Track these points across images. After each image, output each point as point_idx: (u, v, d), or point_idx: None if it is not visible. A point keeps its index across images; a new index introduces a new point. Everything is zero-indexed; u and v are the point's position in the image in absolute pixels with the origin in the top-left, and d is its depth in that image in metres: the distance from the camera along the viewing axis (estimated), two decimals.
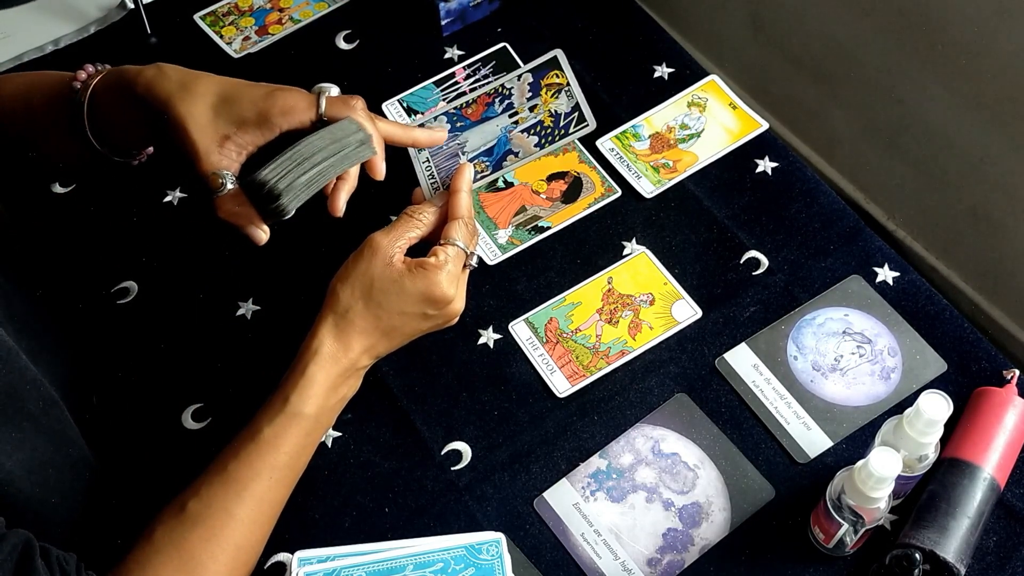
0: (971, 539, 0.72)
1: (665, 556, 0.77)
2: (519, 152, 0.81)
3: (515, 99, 0.77)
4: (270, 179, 0.69)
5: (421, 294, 0.74)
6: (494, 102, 0.76)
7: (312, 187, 0.71)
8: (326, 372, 0.73)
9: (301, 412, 0.71)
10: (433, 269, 0.75)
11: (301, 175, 0.70)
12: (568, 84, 0.77)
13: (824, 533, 0.74)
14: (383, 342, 0.76)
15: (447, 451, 0.83)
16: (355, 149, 0.73)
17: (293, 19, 1.11)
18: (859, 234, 0.93)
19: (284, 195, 0.69)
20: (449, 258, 0.76)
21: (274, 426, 0.70)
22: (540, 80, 0.78)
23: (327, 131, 0.72)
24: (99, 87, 0.74)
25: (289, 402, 0.71)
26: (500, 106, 0.79)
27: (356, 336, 0.74)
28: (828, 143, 1.28)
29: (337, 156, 0.72)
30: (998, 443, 0.76)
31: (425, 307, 0.75)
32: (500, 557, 0.73)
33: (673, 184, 0.97)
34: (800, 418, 0.83)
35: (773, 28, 1.25)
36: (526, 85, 0.76)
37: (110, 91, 0.74)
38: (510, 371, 0.86)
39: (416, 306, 0.75)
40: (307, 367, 0.72)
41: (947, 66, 1.05)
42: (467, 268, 0.78)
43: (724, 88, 1.03)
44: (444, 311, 0.76)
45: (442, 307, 0.76)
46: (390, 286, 0.74)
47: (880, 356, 0.86)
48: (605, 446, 0.82)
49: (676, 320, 0.88)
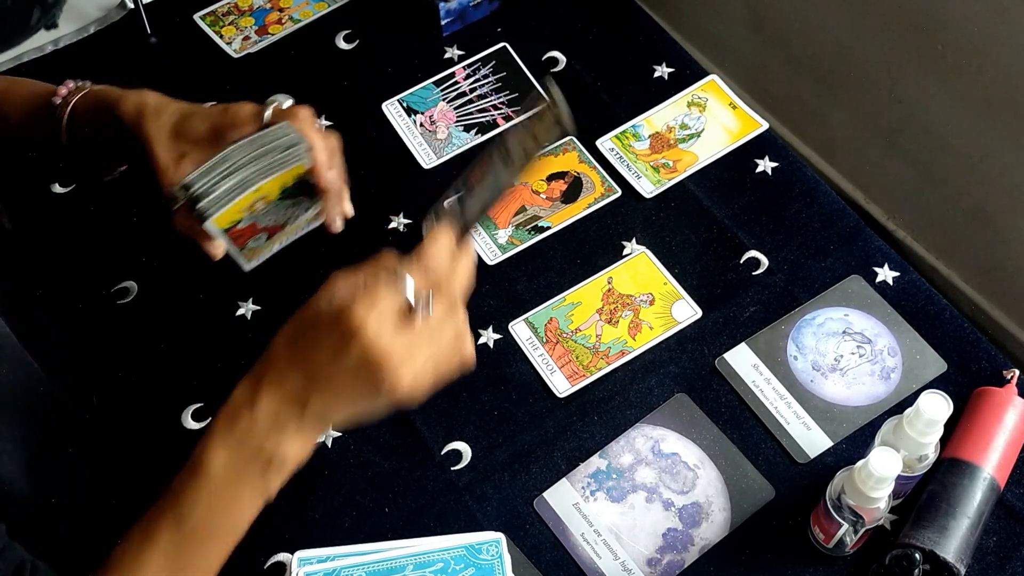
0: (971, 539, 0.72)
1: (665, 556, 0.77)
2: None
3: (514, 156, 0.71)
4: (191, 183, 0.69)
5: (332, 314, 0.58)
6: (495, 163, 0.71)
7: (236, 192, 0.69)
8: (229, 420, 0.60)
9: (202, 463, 0.60)
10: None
11: (220, 179, 0.69)
12: (556, 104, 0.70)
13: (824, 533, 0.74)
14: (308, 389, 0.59)
15: (447, 451, 0.83)
16: (281, 154, 0.70)
17: (293, 19, 1.11)
18: (859, 234, 0.93)
19: (203, 199, 0.68)
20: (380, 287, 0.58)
21: (180, 477, 0.61)
22: (530, 121, 0.71)
23: (252, 137, 0.71)
24: (80, 105, 0.75)
25: (194, 450, 0.61)
26: (500, 163, 0.72)
27: (269, 377, 0.59)
28: (828, 143, 1.28)
29: (262, 161, 0.70)
30: (998, 443, 0.76)
31: (336, 338, 0.57)
32: (500, 557, 0.74)
33: (673, 184, 0.97)
34: (800, 418, 0.83)
35: (773, 28, 1.25)
36: (523, 134, 0.70)
37: (91, 110, 0.74)
38: (510, 371, 0.86)
39: (328, 332, 0.58)
40: (217, 414, 0.61)
41: (947, 66, 1.05)
42: (414, 315, 0.59)
43: (724, 88, 1.03)
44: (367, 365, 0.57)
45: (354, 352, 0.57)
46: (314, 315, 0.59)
47: (880, 356, 0.86)
48: (605, 446, 0.82)
49: (676, 320, 0.88)
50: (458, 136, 1.00)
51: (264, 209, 0.74)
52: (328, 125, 1.03)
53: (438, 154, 0.99)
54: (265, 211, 0.74)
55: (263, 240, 0.78)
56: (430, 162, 0.99)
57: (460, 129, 1.01)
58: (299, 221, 0.79)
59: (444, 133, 1.01)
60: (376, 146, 1.01)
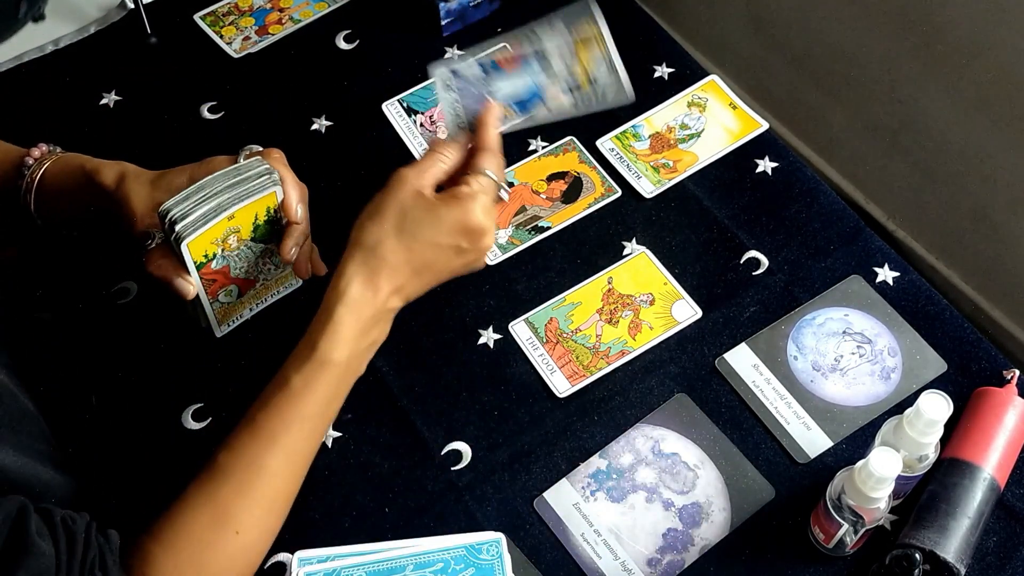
0: (971, 539, 0.72)
1: (665, 556, 0.77)
2: (552, 109, 0.80)
3: (553, 61, 0.77)
4: (168, 208, 0.72)
5: (457, 223, 0.71)
6: (531, 61, 0.77)
7: (211, 216, 0.73)
8: (355, 315, 0.69)
9: (330, 359, 0.69)
10: (467, 198, 0.71)
11: (196, 205, 0.73)
12: (602, 38, 0.77)
13: (824, 533, 0.74)
14: (414, 281, 0.72)
15: (447, 451, 0.83)
16: (254, 182, 0.75)
17: (293, 19, 1.11)
18: (859, 234, 0.93)
19: (178, 223, 0.72)
20: (482, 187, 0.73)
21: (303, 375, 0.68)
22: (572, 32, 0.78)
23: (227, 169, 0.75)
24: (52, 169, 0.80)
25: (317, 349, 0.68)
26: (537, 64, 0.78)
27: (386, 274, 0.70)
28: (828, 143, 1.29)
29: (236, 188, 0.74)
30: (998, 443, 0.76)
31: (460, 239, 0.72)
32: (500, 557, 0.73)
33: (673, 184, 0.97)
34: (800, 418, 0.83)
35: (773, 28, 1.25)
36: (561, 41, 0.76)
37: (64, 173, 0.79)
38: (510, 371, 0.86)
39: (451, 237, 0.71)
40: (334, 310, 0.69)
41: (947, 66, 1.05)
42: (498, 201, 0.75)
43: (724, 88, 1.03)
44: (478, 244, 0.73)
45: (477, 240, 0.72)
46: (424, 215, 0.71)
47: (880, 356, 0.86)
48: (605, 446, 0.82)
49: (676, 320, 0.88)
50: None
51: (236, 249, 0.77)
52: (328, 125, 1.03)
53: None
54: (237, 252, 0.78)
55: (235, 296, 0.82)
56: None
57: None
58: (270, 280, 0.84)
59: (444, 133, 1.01)
60: (376, 146, 1.01)
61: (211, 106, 1.04)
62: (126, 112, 1.05)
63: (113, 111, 1.05)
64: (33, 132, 1.02)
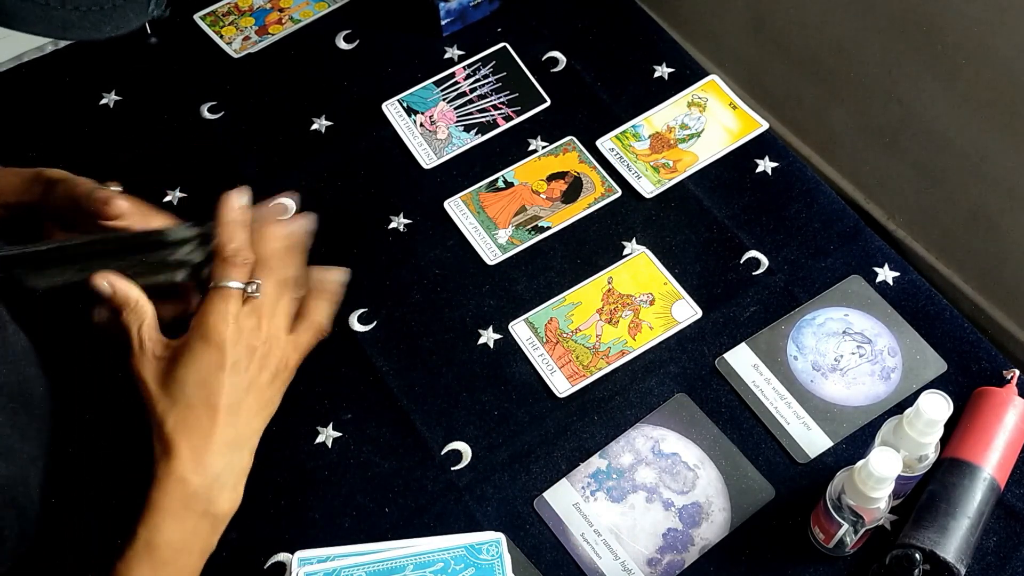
0: (971, 539, 0.72)
1: (665, 556, 0.77)
2: None
3: None
4: None
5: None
6: None
7: None
8: (168, 492, 0.60)
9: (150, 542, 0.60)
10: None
11: None
12: None
13: (824, 533, 0.74)
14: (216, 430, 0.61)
15: (447, 451, 0.83)
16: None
17: (293, 19, 1.11)
18: (859, 234, 0.93)
19: None
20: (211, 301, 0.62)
21: (125, 562, 0.59)
22: None
23: None
24: None
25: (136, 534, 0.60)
26: None
27: (180, 437, 0.61)
28: (828, 143, 1.29)
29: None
30: (998, 443, 0.76)
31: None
32: (500, 557, 0.73)
33: (673, 184, 0.97)
34: (800, 418, 0.83)
35: (773, 28, 1.25)
36: None
37: None
38: (510, 371, 0.86)
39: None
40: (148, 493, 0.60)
41: (947, 66, 1.06)
42: (249, 300, 0.63)
43: (724, 88, 1.03)
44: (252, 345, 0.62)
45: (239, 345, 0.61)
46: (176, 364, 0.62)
47: (880, 356, 0.86)
48: (605, 446, 0.82)
49: (676, 320, 0.88)
50: (458, 136, 1.00)
51: None
52: (328, 125, 1.03)
53: (438, 154, 0.99)
54: None
55: None
56: (430, 162, 0.99)
57: (460, 129, 1.01)
58: None
59: (444, 133, 1.01)
60: (376, 146, 1.01)
61: (211, 106, 1.04)
62: (126, 112, 1.05)
63: (113, 111, 1.05)
64: (33, 132, 1.03)
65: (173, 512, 0.60)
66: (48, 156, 1.01)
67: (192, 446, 0.60)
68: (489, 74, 1.05)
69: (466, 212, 0.95)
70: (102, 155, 1.01)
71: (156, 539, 0.59)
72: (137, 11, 0.53)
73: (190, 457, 0.60)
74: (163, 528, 0.59)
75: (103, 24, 0.52)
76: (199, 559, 0.62)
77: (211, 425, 0.61)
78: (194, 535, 0.61)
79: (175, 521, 0.60)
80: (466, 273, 0.92)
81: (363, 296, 0.90)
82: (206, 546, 0.62)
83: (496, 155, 0.99)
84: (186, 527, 0.60)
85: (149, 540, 0.59)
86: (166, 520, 0.59)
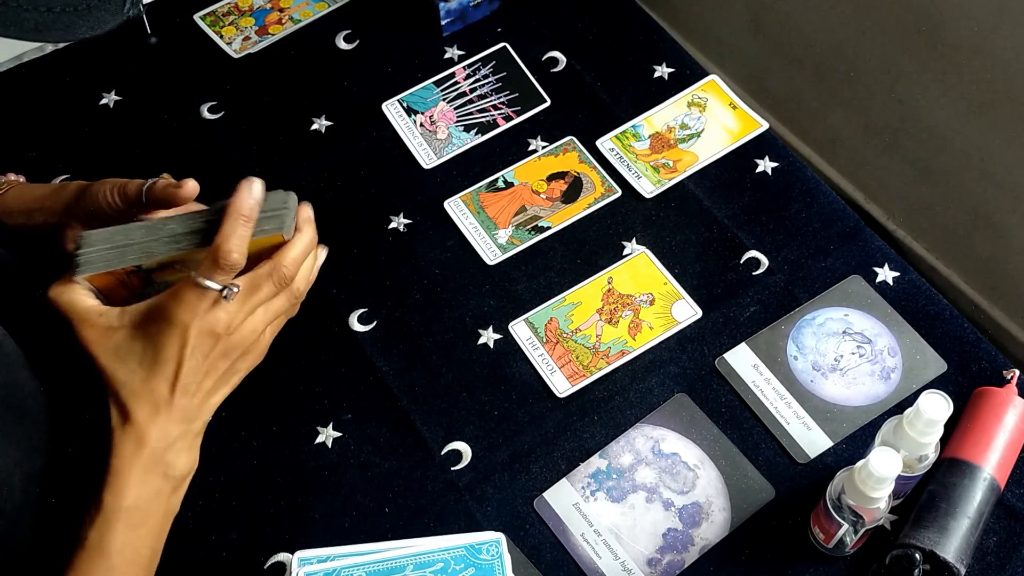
0: (971, 539, 0.72)
1: (665, 556, 0.77)
2: None
3: None
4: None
5: None
6: None
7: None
8: (131, 457, 0.61)
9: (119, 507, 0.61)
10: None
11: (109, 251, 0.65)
12: None
13: (824, 533, 0.74)
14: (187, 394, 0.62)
15: (447, 451, 0.83)
16: None
17: (293, 19, 1.11)
18: (859, 234, 0.93)
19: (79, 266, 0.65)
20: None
21: (96, 529, 0.61)
22: None
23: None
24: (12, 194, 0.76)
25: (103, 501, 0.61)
26: None
27: (137, 402, 0.61)
28: (828, 143, 1.29)
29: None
30: (998, 443, 0.76)
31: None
32: (500, 557, 0.73)
33: (673, 184, 0.97)
34: (800, 418, 0.83)
35: (773, 28, 1.25)
36: None
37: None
38: (510, 371, 0.86)
39: None
40: (110, 456, 0.61)
41: (947, 66, 1.06)
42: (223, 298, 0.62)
43: (724, 88, 1.03)
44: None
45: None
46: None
47: (880, 356, 0.86)
48: (605, 446, 0.82)
49: (676, 320, 0.88)
50: (458, 136, 1.01)
51: None
52: (328, 125, 1.03)
53: (438, 154, 0.99)
54: None
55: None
56: (430, 162, 0.99)
57: (460, 129, 1.01)
58: None
59: (444, 133, 1.01)
60: (376, 146, 1.01)
61: (211, 106, 1.04)
62: (126, 112, 1.05)
63: (113, 111, 1.05)
64: (33, 132, 1.03)
65: (136, 475, 0.61)
66: (48, 156, 1.01)
67: (148, 412, 0.62)
68: (489, 74, 1.05)
69: (466, 212, 0.95)
70: (102, 155, 1.01)
71: (123, 502, 0.61)
72: (112, 11, 0.53)
73: (147, 421, 0.61)
74: (128, 491, 0.61)
75: (77, 25, 0.51)
76: (166, 520, 0.64)
77: (169, 396, 0.62)
78: (158, 496, 0.63)
79: (139, 484, 0.61)
80: (466, 273, 0.92)
81: (363, 296, 0.91)
82: (170, 508, 0.64)
83: (496, 155, 0.99)
84: (151, 488, 0.62)
85: (118, 505, 0.61)
86: (130, 483, 0.61)
